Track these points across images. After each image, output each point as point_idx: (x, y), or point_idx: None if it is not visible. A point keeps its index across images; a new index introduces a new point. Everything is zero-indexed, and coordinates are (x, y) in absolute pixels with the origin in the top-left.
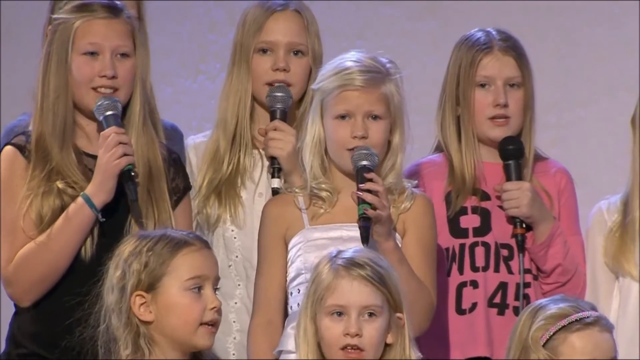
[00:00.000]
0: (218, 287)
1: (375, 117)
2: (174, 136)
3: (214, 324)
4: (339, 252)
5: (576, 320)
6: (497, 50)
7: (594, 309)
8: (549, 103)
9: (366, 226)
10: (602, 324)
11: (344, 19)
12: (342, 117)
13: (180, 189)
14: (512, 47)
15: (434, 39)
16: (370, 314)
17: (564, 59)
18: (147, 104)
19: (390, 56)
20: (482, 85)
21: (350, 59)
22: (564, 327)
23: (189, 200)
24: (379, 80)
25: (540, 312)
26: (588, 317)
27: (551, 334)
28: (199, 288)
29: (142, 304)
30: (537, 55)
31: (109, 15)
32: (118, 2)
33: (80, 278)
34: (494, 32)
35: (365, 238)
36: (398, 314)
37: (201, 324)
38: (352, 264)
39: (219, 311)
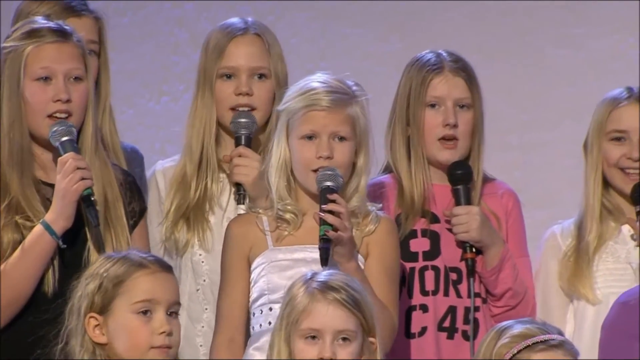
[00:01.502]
0: (174, 310)
1: (340, 138)
2: (134, 158)
3: (168, 347)
4: (314, 274)
5: (541, 341)
6: (448, 71)
7: (560, 333)
8: (513, 125)
9: (326, 247)
10: (567, 349)
11: (308, 41)
12: (308, 137)
13: (137, 212)
14: (463, 69)
15: (399, 60)
16: (344, 339)
17: (529, 81)
18: (98, 128)
19: (354, 78)
20: (432, 106)
21: (316, 80)
22: (528, 346)
23: (146, 223)
24: (345, 101)
25: (507, 331)
26: (554, 339)
27: (515, 352)
28: (150, 312)
29: (96, 326)
30: (502, 77)
31: (59, 39)
32: (67, 26)
33: (42, 310)
34: (444, 54)
35: (324, 260)
36: (371, 339)
37: (152, 347)
38: (327, 288)
39: (170, 334)
